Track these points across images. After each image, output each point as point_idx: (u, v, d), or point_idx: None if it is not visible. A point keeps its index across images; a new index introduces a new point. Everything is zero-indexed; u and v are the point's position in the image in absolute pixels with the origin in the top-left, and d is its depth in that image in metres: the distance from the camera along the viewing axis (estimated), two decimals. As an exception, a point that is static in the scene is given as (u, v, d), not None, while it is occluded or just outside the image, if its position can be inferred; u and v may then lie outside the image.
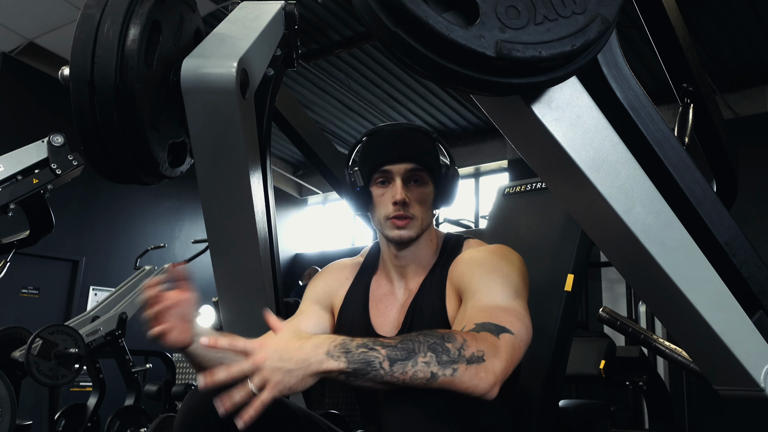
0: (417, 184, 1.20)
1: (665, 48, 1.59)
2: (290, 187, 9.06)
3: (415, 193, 1.19)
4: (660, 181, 0.74)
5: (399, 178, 1.18)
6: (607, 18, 0.62)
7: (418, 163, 1.19)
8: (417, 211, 1.19)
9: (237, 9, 1.06)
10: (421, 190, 1.20)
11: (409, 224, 1.18)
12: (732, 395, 0.79)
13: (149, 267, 3.73)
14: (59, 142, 2.25)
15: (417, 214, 1.19)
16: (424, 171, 1.20)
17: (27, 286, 5.68)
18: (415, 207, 1.19)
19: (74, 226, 6.00)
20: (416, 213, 1.19)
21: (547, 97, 0.68)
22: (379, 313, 1.23)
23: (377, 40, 0.62)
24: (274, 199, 1.29)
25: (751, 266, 0.82)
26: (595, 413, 1.88)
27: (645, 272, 0.75)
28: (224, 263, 1.04)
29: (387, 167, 1.19)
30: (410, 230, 1.19)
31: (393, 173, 1.19)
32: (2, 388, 2.45)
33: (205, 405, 1.04)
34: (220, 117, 0.85)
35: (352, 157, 1.27)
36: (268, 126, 1.25)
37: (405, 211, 1.18)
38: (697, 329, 0.75)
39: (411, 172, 1.19)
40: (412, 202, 1.18)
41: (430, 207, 1.22)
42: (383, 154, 1.20)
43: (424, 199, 1.20)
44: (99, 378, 3.29)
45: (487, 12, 0.59)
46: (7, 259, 2.41)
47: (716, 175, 1.99)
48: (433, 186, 1.22)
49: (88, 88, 0.84)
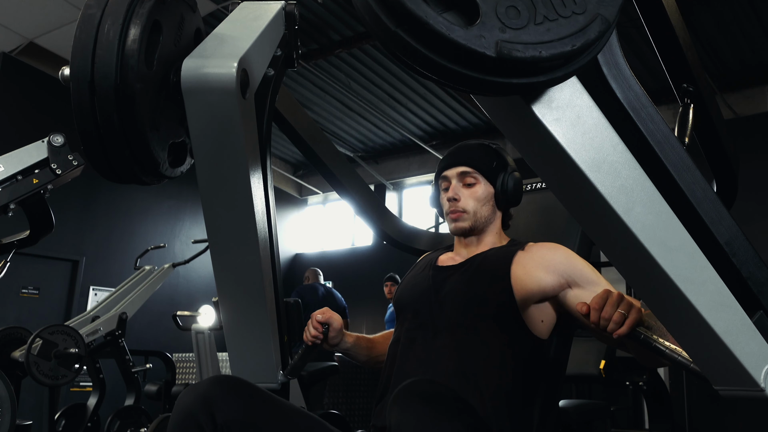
0: (470, 184, 1.38)
1: (665, 48, 1.59)
2: (290, 187, 9.06)
3: (468, 190, 1.38)
4: (660, 181, 0.74)
5: (454, 179, 1.39)
6: (607, 18, 0.62)
7: (469, 166, 1.38)
8: (470, 205, 1.37)
9: (237, 9, 1.06)
10: (474, 188, 1.38)
11: (462, 216, 1.37)
12: (732, 395, 0.79)
13: (149, 267, 3.73)
14: (59, 142, 2.25)
15: (469, 208, 1.37)
16: (475, 172, 1.38)
17: (27, 286, 5.68)
18: (467, 202, 1.37)
19: (74, 226, 6.00)
20: (468, 207, 1.37)
21: (547, 97, 0.68)
22: (441, 260, 1.42)
23: (377, 40, 0.62)
24: (274, 199, 1.29)
25: (751, 266, 0.82)
26: (595, 413, 1.88)
27: (645, 272, 0.75)
28: (224, 263, 1.04)
29: (444, 173, 1.41)
30: (463, 222, 1.37)
31: (449, 177, 1.40)
32: (2, 388, 2.45)
33: (197, 404, 1.04)
34: (221, 117, 0.85)
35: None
36: (268, 126, 1.25)
37: (457, 206, 1.37)
38: (697, 329, 0.75)
39: (463, 173, 1.38)
40: (464, 198, 1.37)
41: (487, 204, 1.38)
42: (443, 164, 1.43)
43: (477, 196, 1.37)
44: (99, 378, 3.29)
45: (488, 12, 0.59)
46: (7, 259, 2.41)
47: (716, 175, 1.99)
48: (492, 186, 1.38)
49: (88, 88, 0.84)
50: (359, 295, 7.00)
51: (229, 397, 1.06)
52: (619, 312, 0.96)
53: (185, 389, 1.11)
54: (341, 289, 5.81)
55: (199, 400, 1.05)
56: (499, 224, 1.41)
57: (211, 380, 1.10)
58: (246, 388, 1.10)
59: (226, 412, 1.04)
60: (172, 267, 3.72)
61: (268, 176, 1.23)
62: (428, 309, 1.31)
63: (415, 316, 1.33)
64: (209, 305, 3.59)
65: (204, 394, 1.05)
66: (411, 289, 1.40)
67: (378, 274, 6.27)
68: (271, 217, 1.21)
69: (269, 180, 1.23)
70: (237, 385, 1.09)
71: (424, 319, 1.31)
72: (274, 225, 1.26)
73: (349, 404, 4.51)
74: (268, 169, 1.24)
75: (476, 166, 1.38)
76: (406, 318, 1.36)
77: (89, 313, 3.39)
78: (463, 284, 1.30)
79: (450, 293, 1.30)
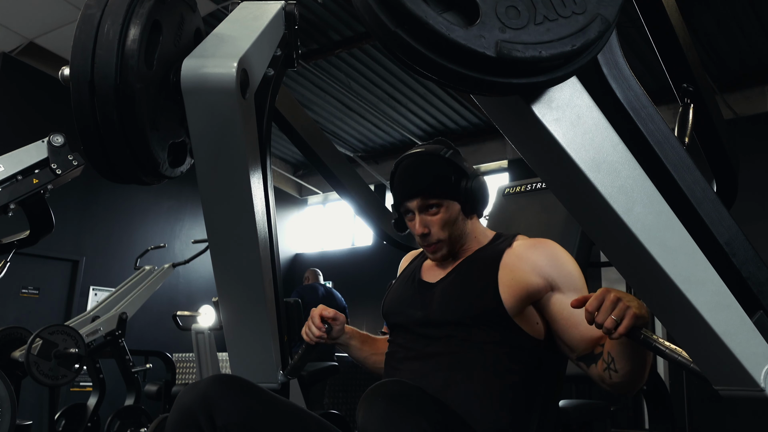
0: (434, 211, 1.30)
1: (665, 48, 1.59)
2: (290, 187, 9.05)
3: (435, 219, 1.31)
4: (660, 181, 0.74)
5: (416, 211, 1.31)
6: (607, 18, 0.62)
7: (429, 194, 1.30)
8: (441, 234, 1.30)
9: (237, 9, 1.06)
10: (440, 215, 1.30)
11: (437, 248, 1.32)
12: (732, 395, 0.79)
13: (149, 267, 3.73)
14: (59, 142, 2.25)
15: (442, 237, 1.31)
16: (436, 197, 1.30)
17: (27, 286, 5.68)
18: (438, 232, 1.30)
19: (74, 226, 6.00)
20: (441, 236, 1.31)
21: (547, 97, 0.68)
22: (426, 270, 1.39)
23: (377, 40, 0.62)
24: (274, 199, 1.29)
25: (751, 266, 0.82)
26: (595, 413, 1.87)
27: (645, 272, 0.75)
28: (224, 263, 1.04)
29: (406, 204, 1.32)
30: (441, 252, 1.33)
31: (411, 208, 1.32)
32: (2, 388, 2.45)
33: (196, 404, 1.04)
34: (220, 117, 0.85)
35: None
36: (268, 126, 1.25)
37: (430, 240, 1.31)
38: (697, 329, 0.75)
39: (425, 202, 1.30)
40: (433, 228, 1.30)
41: (458, 222, 1.32)
42: (399, 194, 1.34)
43: (445, 222, 1.30)
44: (99, 378, 3.29)
45: (487, 12, 0.59)
46: (7, 259, 2.41)
47: (716, 175, 1.99)
48: (456, 201, 1.31)
49: (88, 88, 0.84)
50: (359, 295, 6.99)
51: (229, 397, 1.05)
52: (611, 319, 0.95)
53: (185, 387, 1.11)
54: (341, 289, 5.80)
55: (199, 399, 1.04)
56: (475, 228, 1.37)
57: (211, 379, 1.09)
58: (246, 388, 1.10)
59: (226, 412, 1.03)
60: (172, 267, 3.72)
61: (268, 176, 1.23)
62: (418, 323, 1.29)
63: (406, 331, 1.31)
64: (209, 305, 3.59)
65: (204, 393, 1.05)
66: (399, 304, 1.37)
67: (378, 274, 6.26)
68: (271, 217, 1.21)
69: (269, 180, 1.23)
70: (237, 385, 1.09)
71: (415, 333, 1.29)
72: (274, 225, 1.26)
73: (349, 404, 4.51)
74: (268, 169, 1.24)
75: (434, 192, 1.30)
76: (398, 334, 1.34)
77: (89, 313, 3.39)
78: (451, 297, 1.27)
79: (438, 306, 1.27)
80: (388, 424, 0.93)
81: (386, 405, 0.96)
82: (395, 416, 0.94)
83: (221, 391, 1.06)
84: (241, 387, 1.09)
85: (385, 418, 0.94)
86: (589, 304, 0.98)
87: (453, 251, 1.34)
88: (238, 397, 1.07)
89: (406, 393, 0.99)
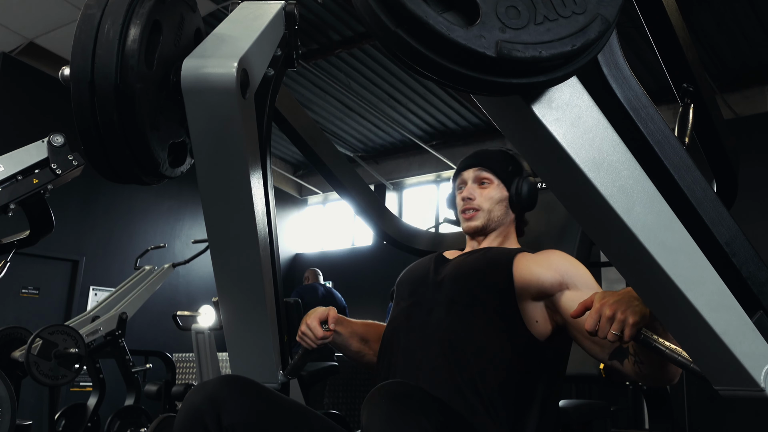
0: (485, 184, 1.42)
1: (665, 48, 1.59)
2: (290, 187, 9.06)
3: (483, 191, 1.42)
4: (660, 181, 0.74)
5: (469, 180, 1.44)
6: (607, 18, 0.62)
7: (484, 167, 1.43)
8: (483, 204, 1.40)
9: (237, 9, 1.06)
10: (488, 189, 1.42)
11: (476, 215, 1.40)
12: (732, 395, 0.79)
13: (149, 267, 3.73)
14: (59, 142, 2.24)
15: (483, 207, 1.40)
16: (489, 172, 1.42)
17: (27, 286, 5.68)
18: (481, 201, 1.40)
19: (74, 226, 6.00)
20: (482, 206, 1.40)
21: (547, 97, 0.68)
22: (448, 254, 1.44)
23: (377, 40, 0.62)
24: (274, 199, 1.29)
25: (751, 266, 0.82)
26: (595, 413, 1.87)
27: (645, 272, 0.75)
28: (224, 263, 1.04)
29: (461, 174, 1.45)
30: (476, 221, 1.40)
31: (465, 178, 1.44)
32: (2, 388, 2.45)
33: (204, 405, 1.04)
34: (221, 117, 0.85)
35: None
36: (268, 126, 1.25)
37: (471, 204, 1.40)
38: (697, 329, 0.75)
39: (478, 175, 1.42)
40: (478, 197, 1.41)
41: (501, 205, 1.41)
42: (460, 166, 1.48)
43: (491, 196, 1.41)
44: (99, 378, 3.29)
45: (488, 12, 0.59)
46: (7, 259, 2.40)
47: (716, 175, 1.99)
48: (506, 190, 1.42)
49: (88, 88, 0.84)
50: (359, 295, 7.00)
51: (237, 397, 1.05)
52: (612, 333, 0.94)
53: (194, 388, 1.11)
54: (341, 289, 5.80)
55: (207, 400, 1.04)
56: (511, 228, 1.44)
57: (219, 380, 1.09)
58: (254, 389, 1.09)
59: (233, 414, 1.03)
60: (172, 267, 3.72)
61: (268, 176, 1.23)
62: (425, 287, 1.33)
63: (411, 294, 1.35)
64: (209, 305, 3.59)
65: (212, 394, 1.05)
66: (411, 274, 1.42)
67: (378, 274, 6.27)
68: (271, 217, 1.21)
69: (269, 180, 1.23)
70: (246, 387, 1.09)
71: (420, 297, 1.32)
72: (274, 225, 1.26)
73: (349, 404, 4.51)
74: (268, 169, 1.24)
75: (491, 168, 1.42)
76: (402, 297, 1.37)
77: (89, 313, 3.39)
78: (464, 265, 1.33)
79: (450, 273, 1.33)
80: (390, 425, 0.93)
81: (389, 405, 0.96)
82: (397, 416, 0.94)
83: (229, 391, 1.06)
84: (248, 388, 1.09)
85: (388, 418, 0.94)
86: (586, 324, 0.98)
87: (486, 229, 1.41)
88: (246, 397, 1.07)
89: (408, 393, 0.99)
